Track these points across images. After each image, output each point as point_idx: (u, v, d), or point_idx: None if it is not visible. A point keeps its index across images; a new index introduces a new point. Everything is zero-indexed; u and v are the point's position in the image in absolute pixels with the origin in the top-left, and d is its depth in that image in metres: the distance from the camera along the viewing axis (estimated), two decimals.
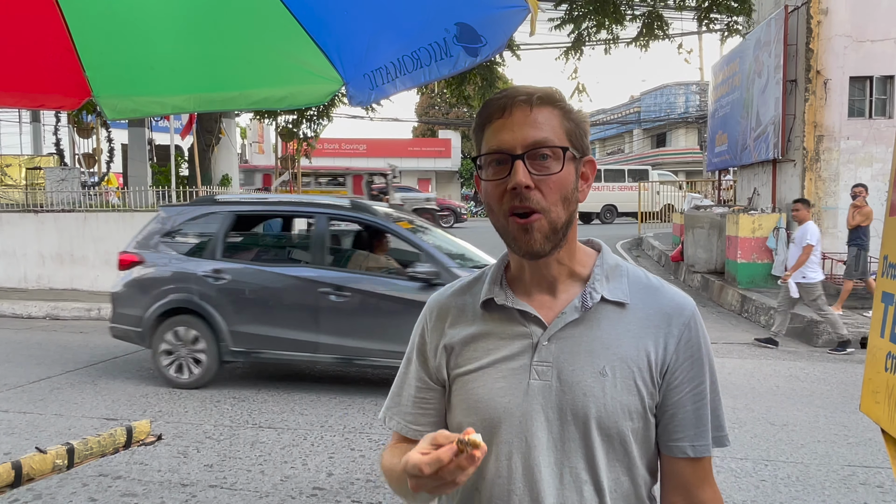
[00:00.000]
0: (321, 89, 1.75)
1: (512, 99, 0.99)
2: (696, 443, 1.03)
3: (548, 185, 0.98)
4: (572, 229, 1.04)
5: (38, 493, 3.80)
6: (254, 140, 37.00)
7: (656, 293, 1.06)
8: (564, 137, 1.00)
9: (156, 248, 6.25)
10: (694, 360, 1.02)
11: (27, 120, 18.68)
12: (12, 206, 12.25)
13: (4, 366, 6.84)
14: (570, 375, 1.00)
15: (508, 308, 1.05)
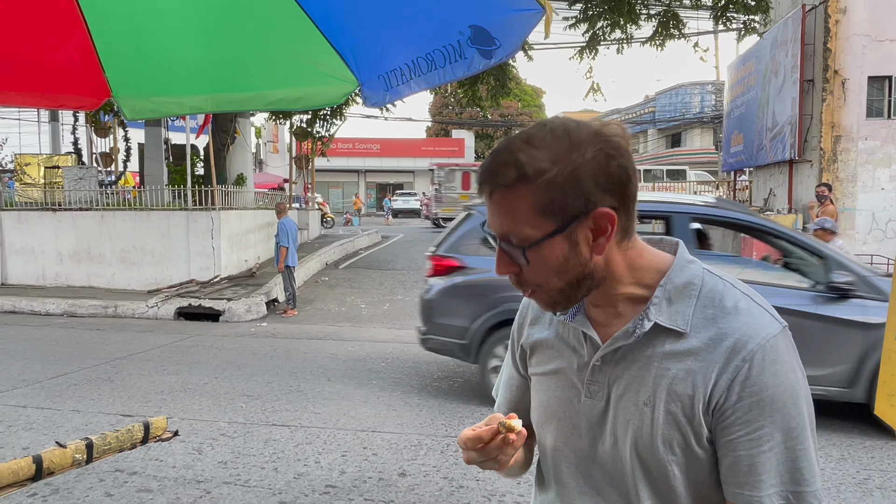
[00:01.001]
0: (336, 90, 1.77)
1: (490, 183, 0.93)
2: (747, 492, 0.91)
3: (529, 269, 0.94)
4: (603, 272, 0.97)
5: (55, 487, 3.85)
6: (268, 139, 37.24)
7: (725, 318, 0.94)
8: (537, 219, 0.90)
9: (476, 251, 5.63)
10: (753, 401, 0.89)
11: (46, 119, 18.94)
12: (31, 205, 12.43)
13: (23, 362, 6.94)
14: (617, 400, 0.98)
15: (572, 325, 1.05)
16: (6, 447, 4.44)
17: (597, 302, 1.01)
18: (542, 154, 0.88)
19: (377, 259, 15.38)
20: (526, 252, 0.92)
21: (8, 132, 17.20)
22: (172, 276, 11.14)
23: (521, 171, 0.89)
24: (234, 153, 13.63)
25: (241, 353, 7.45)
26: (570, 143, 0.89)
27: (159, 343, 8.00)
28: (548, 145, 0.89)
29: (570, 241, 0.92)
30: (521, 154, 0.89)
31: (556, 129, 0.90)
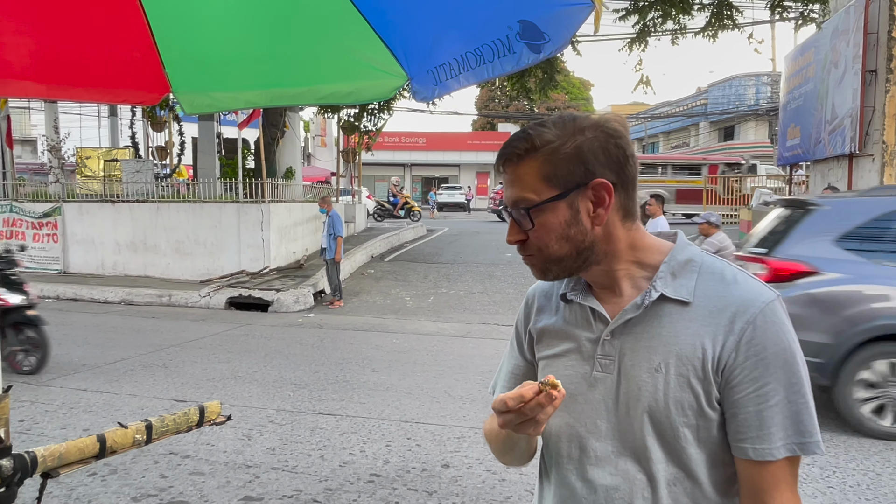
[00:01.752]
0: (386, 84, 1.79)
1: (504, 158, 1.06)
2: (758, 445, 0.98)
3: (534, 234, 1.04)
4: (604, 246, 1.05)
5: (114, 468, 4.03)
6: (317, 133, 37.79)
7: (727, 288, 1.03)
8: (542, 185, 1.02)
9: (829, 253, 4.85)
10: (758, 359, 0.98)
11: (105, 114, 19.66)
12: (91, 197, 12.93)
13: (83, 347, 7.25)
14: (628, 370, 1.04)
15: (579, 303, 1.12)
16: (68, 428, 4.66)
17: (602, 282, 1.09)
18: (550, 131, 1.02)
19: (422, 252, 15.47)
20: (531, 213, 1.02)
21: (70, 126, 17.91)
22: (224, 267, 11.45)
23: (530, 143, 1.02)
24: (283, 147, 13.89)
25: (289, 342, 7.62)
26: (574, 125, 1.02)
27: (211, 332, 8.24)
28: (556, 126, 1.03)
29: (572, 208, 1.02)
30: (532, 131, 1.03)
31: (564, 116, 1.04)
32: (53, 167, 13.50)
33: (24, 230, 12.28)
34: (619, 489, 1.04)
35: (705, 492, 1.03)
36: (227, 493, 3.72)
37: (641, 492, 1.02)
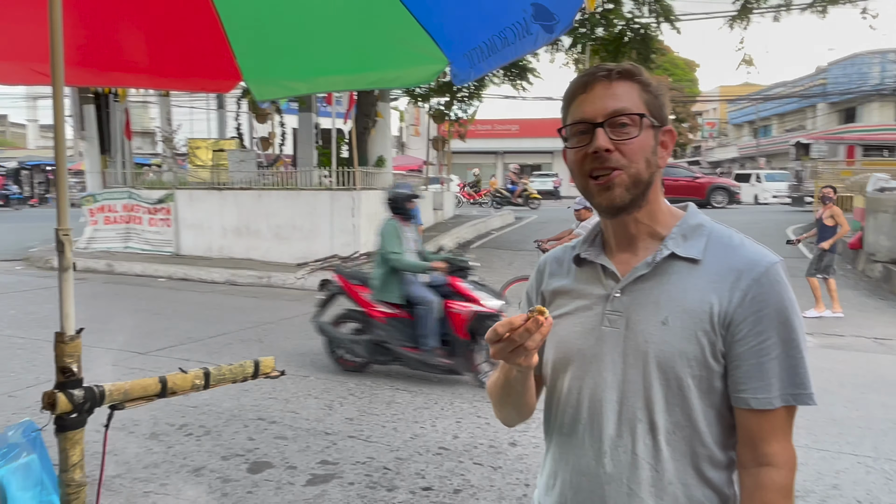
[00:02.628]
0: (429, 69, 1.91)
1: (593, 76, 1.10)
2: (759, 395, 1.05)
3: (627, 147, 1.08)
4: (653, 191, 1.13)
5: (207, 429, 4.42)
6: (411, 123, 38.46)
7: (734, 250, 1.10)
8: (642, 106, 1.10)
9: None
10: (761, 315, 1.05)
11: (213, 107, 21.01)
12: (201, 184, 13.89)
13: (190, 322, 7.89)
14: (635, 324, 1.10)
15: (592, 262, 1.19)
16: None
17: (624, 235, 1.16)
18: (644, 71, 1.13)
19: (508, 239, 15.50)
20: (641, 121, 1.08)
21: (181, 119, 19.30)
22: (318, 251, 11.98)
23: (636, 71, 1.11)
24: (375, 136, 14.30)
25: None
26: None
27: (304, 311, 8.70)
28: (645, 72, 1.13)
29: (656, 140, 1.12)
30: (629, 63, 1.13)
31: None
32: (166, 157, 14.59)
33: (141, 215, 13.39)
34: (622, 437, 1.10)
35: (703, 440, 1.09)
36: (306, 456, 4.00)
37: (643, 438, 1.09)
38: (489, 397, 1.30)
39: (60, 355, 1.21)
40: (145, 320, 7.94)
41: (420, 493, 3.54)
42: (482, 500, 3.47)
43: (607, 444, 1.11)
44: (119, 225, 13.62)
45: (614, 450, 1.11)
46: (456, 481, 3.68)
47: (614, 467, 1.10)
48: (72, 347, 1.23)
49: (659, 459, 1.08)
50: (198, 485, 3.62)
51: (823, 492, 3.58)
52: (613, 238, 1.18)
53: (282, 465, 3.88)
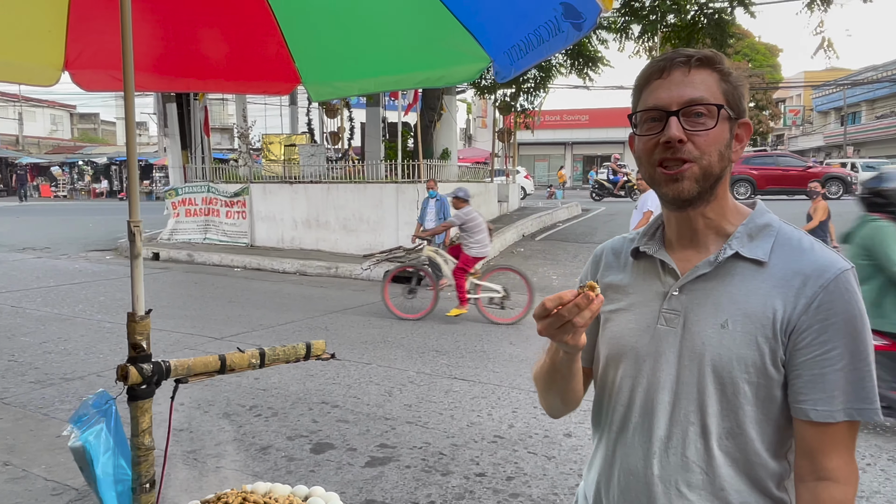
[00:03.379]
0: (472, 67, 1.98)
1: (671, 61, 1.06)
2: (820, 407, 1.00)
3: (701, 138, 1.03)
4: (722, 186, 1.09)
5: (275, 410, 4.66)
6: (478, 115, 38.49)
7: (802, 254, 1.05)
8: (721, 97, 1.05)
9: None
10: (827, 324, 0.99)
11: (286, 103, 21.72)
12: (274, 178, 14.43)
13: (261, 310, 8.26)
14: (693, 324, 1.06)
15: (651, 257, 1.15)
16: (242, 376, 5.43)
17: (688, 230, 1.12)
18: (725, 59, 1.08)
19: (574, 232, 15.35)
20: (719, 113, 1.04)
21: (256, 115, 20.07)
22: (383, 243, 12.26)
23: (716, 59, 1.06)
24: (440, 129, 14.46)
25: (435, 313, 8.07)
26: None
27: (369, 301, 8.96)
28: (726, 60, 1.08)
29: (731, 132, 1.07)
30: (710, 51, 1.08)
31: None
32: (242, 152, 15.23)
33: (219, 207, 14.05)
34: (672, 439, 1.07)
35: (756, 448, 1.05)
36: (366, 439, 4.16)
37: (694, 443, 1.06)
38: (535, 383, 1.26)
39: (132, 333, 1.36)
40: (221, 308, 8.38)
41: (474, 478, 3.64)
42: (534, 489, 3.53)
43: (657, 445, 1.09)
44: (199, 217, 14.34)
45: (664, 451, 1.08)
46: (509, 469, 3.76)
47: (662, 469, 1.08)
48: (142, 326, 1.38)
49: (711, 464, 1.05)
50: (264, 462, 3.84)
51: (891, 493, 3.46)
52: (676, 233, 1.14)
53: (343, 446, 4.06)
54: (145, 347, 1.36)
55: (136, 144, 1.43)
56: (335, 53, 2.28)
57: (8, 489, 3.52)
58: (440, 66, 2.04)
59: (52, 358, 5.97)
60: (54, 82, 2.16)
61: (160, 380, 1.38)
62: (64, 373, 5.52)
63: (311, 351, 1.82)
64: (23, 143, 42.46)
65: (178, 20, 2.22)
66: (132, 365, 1.33)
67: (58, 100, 46.36)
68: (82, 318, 7.72)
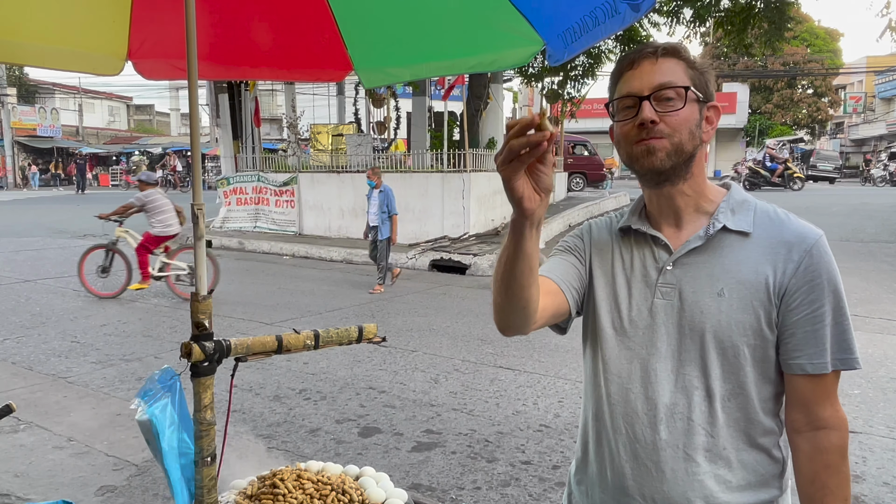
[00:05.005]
0: (525, 51, 1.96)
1: (640, 53, 1.15)
2: (815, 360, 1.10)
3: (672, 118, 1.11)
4: (696, 164, 1.16)
5: (324, 394, 4.75)
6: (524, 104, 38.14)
7: (782, 224, 1.14)
8: (688, 81, 1.13)
9: None
10: (813, 284, 1.09)
11: (334, 93, 21.96)
12: (321, 168, 14.63)
13: (310, 297, 8.42)
14: (690, 296, 1.14)
15: (642, 233, 1.21)
16: (292, 361, 5.54)
17: (669, 208, 1.19)
18: (689, 49, 1.17)
19: None
20: (686, 94, 1.11)
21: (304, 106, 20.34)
22: (429, 232, 12.33)
23: (675, 48, 1.15)
24: (486, 118, 14.39)
25: (481, 303, 8.08)
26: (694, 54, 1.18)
27: (415, 289, 9.02)
28: (689, 51, 1.17)
29: (700, 114, 1.15)
30: (675, 42, 1.18)
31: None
32: (291, 142, 15.48)
33: (269, 196, 14.33)
34: (678, 404, 1.14)
35: (755, 406, 1.13)
36: (412, 425, 4.21)
37: (699, 405, 1.13)
38: (492, 285, 1.13)
39: (195, 312, 1.41)
40: (271, 294, 8.57)
41: (519, 465, 3.64)
42: None
43: (662, 412, 1.14)
44: (249, 206, 14.66)
45: (669, 417, 1.14)
46: (555, 458, 3.75)
47: (670, 434, 1.14)
48: (204, 306, 1.43)
49: (714, 425, 1.13)
50: (314, 444, 3.93)
51: None
52: (658, 211, 1.21)
53: (389, 431, 4.11)
54: (207, 326, 1.40)
55: (199, 133, 1.47)
56: (387, 39, 2.29)
57: (72, 463, 3.69)
58: (492, 49, 2.03)
59: (112, 340, 6.22)
60: (118, 72, 2.23)
61: (221, 357, 1.43)
62: (123, 354, 5.75)
63: (364, 334, 1.84)
64: (83, 134, 44.12)
65: (232, 8, 2.27)
66: (195, 343, 1.38)
67: (115, 91, 47.95)
68: (140, 301, 8.01)
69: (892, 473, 3.51)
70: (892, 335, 6.22)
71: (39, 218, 18.64)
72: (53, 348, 5.91)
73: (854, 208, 17.39)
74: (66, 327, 6.66)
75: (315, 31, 2.32)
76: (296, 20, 2.29)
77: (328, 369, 5.30)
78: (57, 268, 10.33)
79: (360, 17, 2.25)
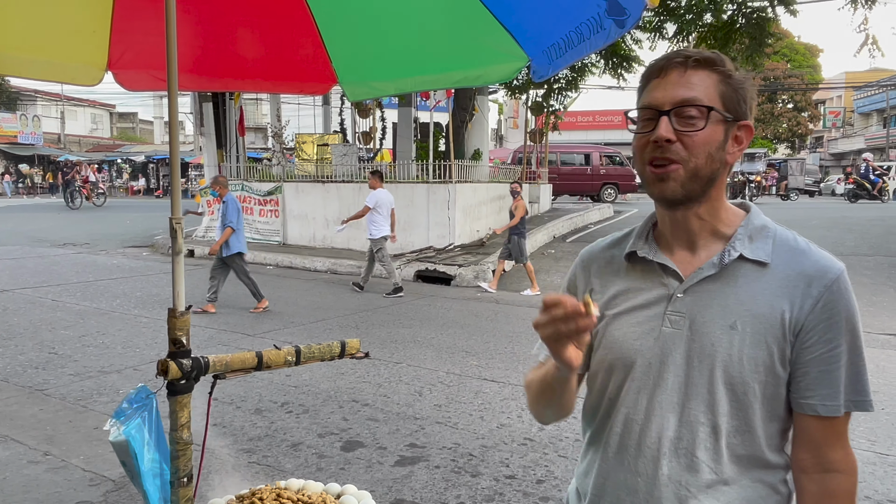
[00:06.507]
0: (510, 66, 1.97)
1: (669, 61, 1.07)
2: (827, 402, 1.04)
3: (690, 139, 1.04)
4: (715, 188, 1.09)
5: (306, 407, 4.70)
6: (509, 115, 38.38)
7: (801, 255, 1.07)
8: (717, 99, 1.05)
9: None
10: (831, 322, 1.03)
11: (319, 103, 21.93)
12: (306, 177, 14.57)
13: (292, 307, 8.35)
14: (700, 326, 1.07)
15: (649, 261, 1.14)
16: (274, 373, 5.47)
17: (683, 232, 1.13)
18: (726, 59, 1.08)
19: (605, 234, 15.11)
20: (709, 114, 1.04)
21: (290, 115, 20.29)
22: (414, 243, 12.30)
23: (717, 60, 1.07)
24: (472, 130, 14.44)
25: (465, 314, 8.07)
26: (736, 65, 1.09)
27: (399, 300, 8.99)
28: (728, 62, 1.08)
29: (726, 134, 1.07)
30: (710, 52, 1.08)
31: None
32: (276, 151, 15.41)
33: (253, 206, 14.24)
34: (682, 439, 1.08)
35: (760, 444, 1.08)
36: (396, 438, 4.17)
37: (704, 442, 1.07)
38: (526, 391, 1.27)
39: (172, 329, 1.38)
40: (253, 305, 8.48)
41: (503, 480, 3.62)
42: (565, 493, 3.49)
43: (666, 447, 1.09)
44: None
45: (673, 452, 1.09)
46: (539, 472, 3.73)
47: (672, 469, 1.09)
48: (182, 322, 1.40)
49: (719, 462, 1.07)
50: (295, 458, 3.88)
51: None
52: (671, 233, 1.14)
53: (373, 445, 4.07)
54: (185, 343, 1.38)
55: (178, 144, 1.45)
56: (372, 53, 2.28)
57: (47, 478, 3.61)
58: (477, 65, 2.03)
59: (91, 351, 6.11)
60: (97, 82, 2.20)
61: (199, 375, 1.40)
62: (102, 366, 5.65)
63: (346, 349, 1.82)
64: (64, 142, 43.64)
65: (217, 21, 2.25)
66: (172, 360, 1.35)
67: (98, 99, 47.56)
68: (120, 312, 7.89)
69: (874, 488, 3.53)
70: (873, 348, 6.29)
71: (19, 226, 18.37)
72: (30, 360, 5.80)
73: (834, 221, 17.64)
74: (43, 338, 6.54)
75: (300, 44, 2.31)
76: (280, 33, 2.28)
77: (311, 382, 5.25)
78: (35, 277, 10.17)
79: (345, 32, 2.25)
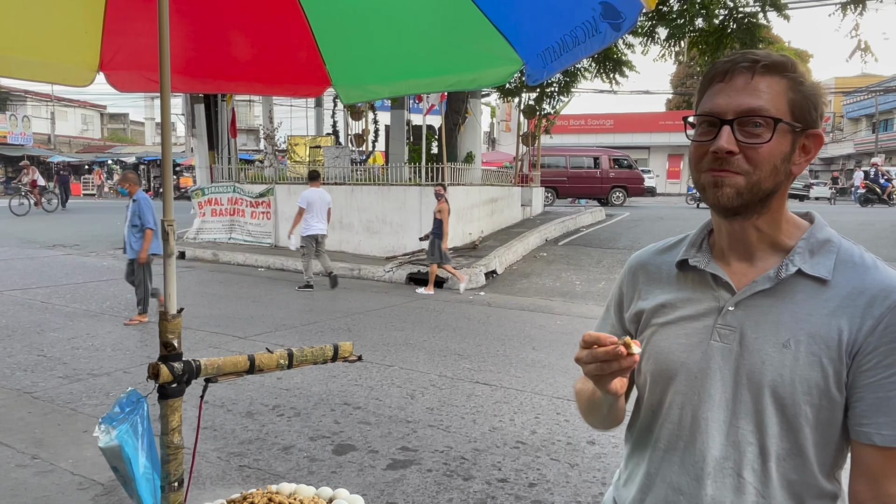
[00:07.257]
0: (504, 70, 1.97)
1: (735, 64, 1.00)
2: (884, 431, 0.96)
3: (753, 151, 0.98)
4: (777, 199, 1.04)
5: (298, 410, 4.68)
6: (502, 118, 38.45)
7: (866, 272, 1.00)
8: (785, 108, 0.99)
9: None
10: (893, 346, 0.95)
11: (312, 105, 21.89)
12: (299, 179, 14.53)
13: (285, 310, 8.32)
14: (751, 342, 1.02)
15: (701, 270, 1.09)
16: (266, 376, 5.42)
17: (740, 243, 1.07)
18: (798, 65, 1.01)
19: (598, 237, 15.22)
20: (776, 126, 0.97)
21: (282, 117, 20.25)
22: (406, 245, 12.29)
23: (787, 62, 1.00)
24: (465, 133, 14.45)
25: (457, 317, 8.07)
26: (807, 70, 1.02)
27: (391, 303, 8.97)
28: (799, 66, 1.01)
29: (793, 145, 1.01)
30: (781, 55, 1.02)
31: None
32: (268, 153, 15.37)
33: (244, 208, 14.19)
34: (728, 459, 1.03)
35: (813, 471, 1.02)
36: (388, 442, 4.16)
37: (752, 463, 1.02)
38: (575, 398, 1.27)
39: (164, 332, 1.37)
40: (245, 307, 8.45)
41: (496, 484, 3.61)
42: (557, 496, 3.50)
43: (711, 466, 1.04)
44: (224, 217, 14.49)
45: (718, 472, 1.04)
46: (532, 475, 3.72)
47: (716, 490, 1.04)
48: (173, 325, 1.39)
49: (767, 485, 1.02)
50: (287, 462, 3.86)
51: None
52: (727, 243, 1.09)
53: (364, 448, 4.06)
54: (176, 346, 1.36)
55: (171, 146, 1.44)
56: (366, 56, 2.28)
57: (36, 482, 3.57)
58: (471, 69, 2.03)
59: (80, 354, 6.07)
60: (89, 83, 2.19)
61: (190, 379, 1.39)
62: (91, 369, 5.61)
63: (339, 353, 1.81)
64: (55, 142, 43.36)
65: (210, 23, 2.24)
66: (163, 363, 1.34)
67: (89, 100, 47.29)
68: (109, 314, 7.84)
69: None
70: None
71: (7, 228, 18.22)
72: (19, 362, 5.75)
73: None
74: (32, 340, 6.49)
75: (294, 46, 2.30)
76: (274, 35, 2.27)
77: (302, 385, 5.23)
78: (25, 279, 10.09)
79: (339, 34, 2.24)
